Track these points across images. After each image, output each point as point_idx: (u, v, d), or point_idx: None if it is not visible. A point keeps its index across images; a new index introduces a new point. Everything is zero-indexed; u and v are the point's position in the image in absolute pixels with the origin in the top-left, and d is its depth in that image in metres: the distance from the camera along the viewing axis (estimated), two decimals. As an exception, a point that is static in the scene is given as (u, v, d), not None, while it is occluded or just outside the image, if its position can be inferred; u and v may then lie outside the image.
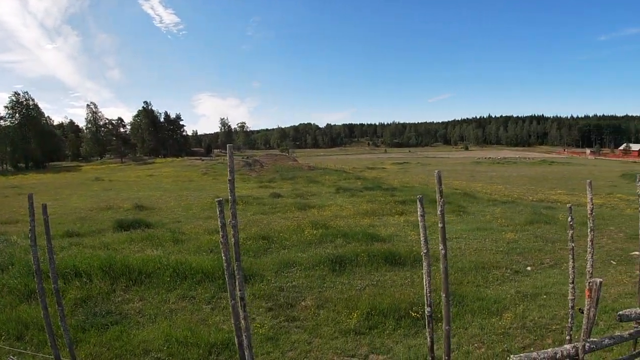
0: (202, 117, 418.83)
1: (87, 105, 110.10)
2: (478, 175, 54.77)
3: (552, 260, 11.18)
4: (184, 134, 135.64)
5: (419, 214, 3.00)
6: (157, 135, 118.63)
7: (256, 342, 6.35)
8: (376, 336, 6.62)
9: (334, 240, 12.85)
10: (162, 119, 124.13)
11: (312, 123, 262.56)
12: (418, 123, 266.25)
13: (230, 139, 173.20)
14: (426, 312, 2.97)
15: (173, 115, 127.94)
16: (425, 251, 2.96)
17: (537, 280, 9.59)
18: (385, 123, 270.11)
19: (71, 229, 15.44)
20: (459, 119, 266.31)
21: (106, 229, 15.76)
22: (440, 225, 2.98)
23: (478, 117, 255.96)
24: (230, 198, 2.62)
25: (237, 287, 2.64)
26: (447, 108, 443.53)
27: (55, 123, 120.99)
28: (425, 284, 2.91)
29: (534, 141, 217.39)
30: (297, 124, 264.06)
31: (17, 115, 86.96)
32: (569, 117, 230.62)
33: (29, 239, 3.41)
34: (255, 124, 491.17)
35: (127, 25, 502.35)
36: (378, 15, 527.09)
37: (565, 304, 3.30)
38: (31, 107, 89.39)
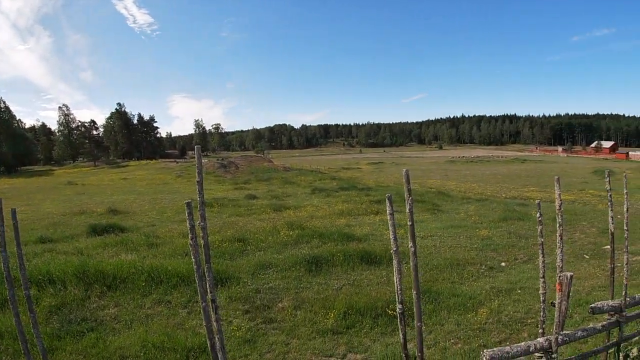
0: (177, 118, 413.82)
1: (60, 108, 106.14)
2: (452, 174, 55.70)
3: (526, 256, 11.45)
4: (158, 136, 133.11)
5: (388, 212, 3.02)
6: (131, 137, 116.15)
7: (234, 345, 6.30)
8: (353, 335, 6.64)
9: (310, 240, 12.83)
10: (135, 121, 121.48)
11: (287, 124, 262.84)
12: (393, 123, 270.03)
13: (205, 140, 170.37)
14: (398, 310, 2.99)
15: (147, 117, 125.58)
16: (395, 249, 2.98)
17: (511, 275, 9.80)
18: (360, 123, 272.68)
19: (44, 234, 14.99)
20: (433, 118, 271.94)
21: (80, 234, 15.35)
22: (409, 223, 3.01)
23: (452, 116, 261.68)
24: (199, 200, 2.59)
25: (208, 289, 2.61)
26: (421, 108, 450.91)
27: (27, 126, 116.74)
28: (396, 282, 2.93)
29: (507, 140, 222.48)
30: (272, 124, 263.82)
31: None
32: (541, 116, 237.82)
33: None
34: (230, 125, 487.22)
35: (101, 25, 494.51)
36: (351, 18, 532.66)
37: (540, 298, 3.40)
38: (2, 109, 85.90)
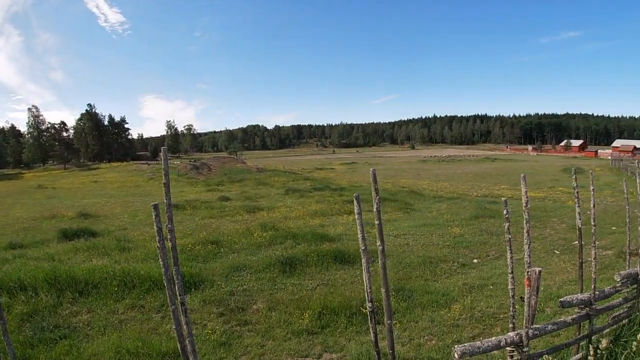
0: (148, 120, 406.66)
1: (29, 109, 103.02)
2: (424, 173, 56.41)
3: (498, 252, 11.71)
4: (129, 137, 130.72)
5: (355, 211, 3.05)
6: (102, 139, 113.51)
7: (208, 349, 6.25)
8: (329, 335, 6.66)
9: (283, 241, 12.82)
10: (106, 122, 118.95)
11: (260, 125, 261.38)
12: (365, 124, 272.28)
13: (177, 142, 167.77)
14: (367, 308, 3.04)
15: (118, 118, 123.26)
16: (363, 248, 3.02)
17: (483, 272, 10.01)
18: (333, 124, 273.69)
19: (14, 240, 14.63)
20: (405, 119, 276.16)
21: (50, 239, 14.95)
22: (376, 222, 3.05)
23: (424, 117, 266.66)
24: (165, 202, 2.57)
25: (177, 293, 2.59)
26: (394, 109, 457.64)
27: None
28: (365, 280, 2.97)
29: (478, 139, 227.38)
30: (245, 125, 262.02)
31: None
32: (511, 116, 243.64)
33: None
34: (202, 126, 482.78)
35: (71, 24, 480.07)
36: (321, 19, 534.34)
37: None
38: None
